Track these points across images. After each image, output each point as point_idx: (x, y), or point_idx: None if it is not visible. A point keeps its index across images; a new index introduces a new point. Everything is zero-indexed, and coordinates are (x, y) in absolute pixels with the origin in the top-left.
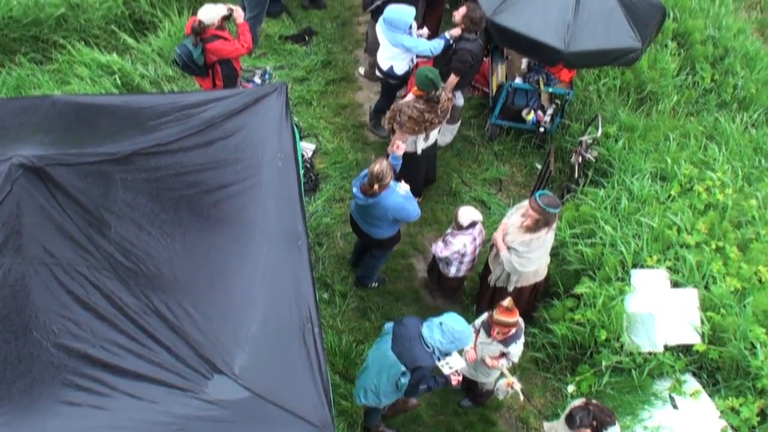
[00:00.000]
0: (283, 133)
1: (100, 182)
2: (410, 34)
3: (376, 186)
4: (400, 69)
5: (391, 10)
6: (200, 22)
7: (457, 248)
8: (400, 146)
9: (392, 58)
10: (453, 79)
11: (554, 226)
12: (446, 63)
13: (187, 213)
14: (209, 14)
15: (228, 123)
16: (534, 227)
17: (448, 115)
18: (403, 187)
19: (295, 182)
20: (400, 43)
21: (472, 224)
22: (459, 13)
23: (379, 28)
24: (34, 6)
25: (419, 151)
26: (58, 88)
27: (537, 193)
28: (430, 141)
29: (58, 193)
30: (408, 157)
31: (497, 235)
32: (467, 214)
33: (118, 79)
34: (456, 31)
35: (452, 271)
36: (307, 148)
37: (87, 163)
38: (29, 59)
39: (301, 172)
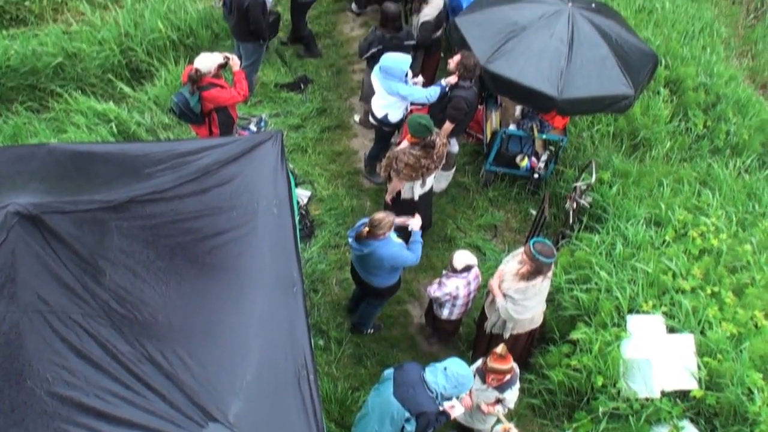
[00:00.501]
0: (278, 180)
1: (96, 229)
2: (406, 82)
3: (366, 230)
4: (394, 117)
5: (387, 58)
6: (197, 70)
7: (449, 290)
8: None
9: (387, 106)
10: (448, 126)
11: (550, 273)
12: (441, 110)
13: (182, 260)
14: (206, 63)
15: (224, 170)
16: (529, 275)
17: (444, 161)
18: (416, 223)
19: (291, 229)
20: (395, 92)
21: (467, 268)
22: (453, 61)
23: (375, 76)
24: (32, 55)
25: (416, 197)
26: (54, 136)
27: (532, 241)
28: (427, 187)
29: (54, 240)
30: (405, 203)
31: (493, 282)
32: (462, 257)
33: (114, 127)
34: (452, 79)
35: (444, 313)
36: (302, 194)
37: (83, 211)
38: (26, 108)
39: (297, 218)
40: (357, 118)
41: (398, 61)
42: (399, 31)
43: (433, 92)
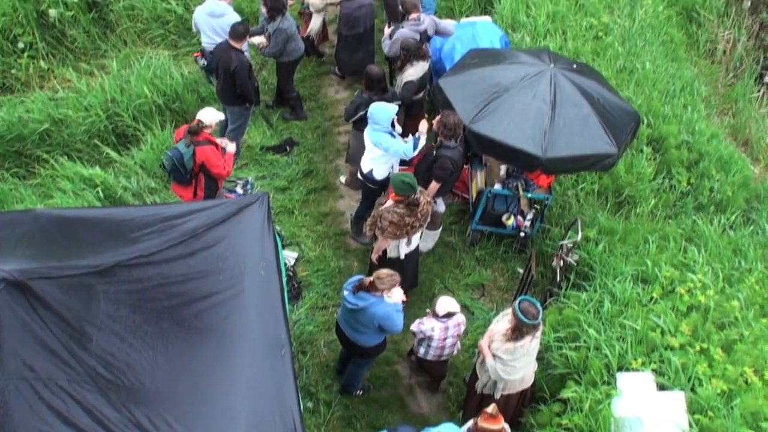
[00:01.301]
0: (265, 242)
1: (82, 295)
2: (392, 133)
3: (368, 281)
4: (379, 174)
5: (374, 106)
6: (200, 121)
7: (424, 329)
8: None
9: (374, 160)
10: (434, 185)
11: (539, 334)
12: (427, 170)
13: (169, 324)
14: (210, 116)
15: (210, 233)
16: (516, 335)
17: (429, 219)
18: (397, 295)
19: (278, 291)
20: (379, 142)
21: (448, 315)
22: (435, 121)
23: (367, 129)
24: (18, 122)
25: (402, 256)
26: (40, 202)
27: (519, 298)
28: (413, 245)
29: (40, 306)
30: (391, 262)
31: (483, 342)
32: (444, 304)
33: (100, 192)
34: (423, 127)
35: (420, 351)
36: (289, 256)
37: (69, 276)
38: (12, 174)
39: (284, 280)
40: (343, 179)
41: (384, 109)
42: (385, 93)
43: (409, 147)
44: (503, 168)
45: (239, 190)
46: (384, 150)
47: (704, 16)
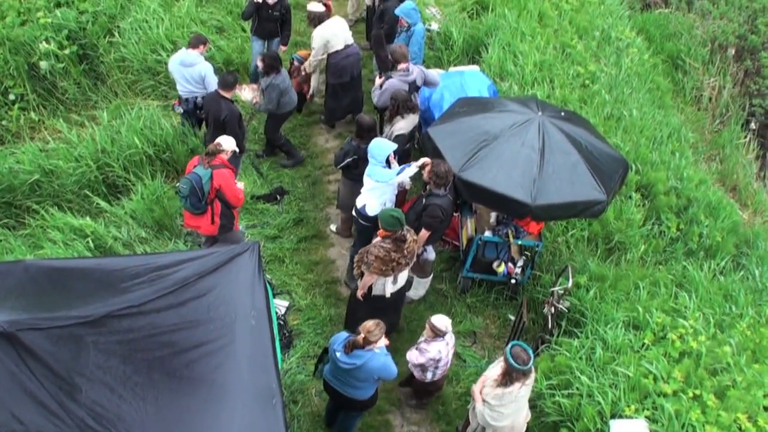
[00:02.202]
0: (256, 291)
1: (72, 346)
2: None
3: (361, 338)
4: (372, 209)
5: (373, 142)
6: (219, 144)
7: (432, 355)
8: None
9: (367, 192)
10: (424, 233)
11: (529, 381)
12: (417, 218)
13: (159, 374)
14: (229, 142)
15: (201, 282)
16: (506, 380)
17: (414, 258)
18: (382, 342)
19: (269, 340)
20: (369, 173)
21: (446, 330)
22: (426, 170)
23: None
24: (8, 173)
25: (388, 294)
26: (30, 252)
27: (511, 343)
28: (399, 284)
29: (29, 358)
30: (377, 300)
31: (476, 387)
32: (442, 320)
33: (91, 242)
34: (420, 161)
35: (428, 376)
36: (280, 305)
37: (59, 327)
38: (2, 225)
39: (276, 329)
40: (333, 227)
41: (381, 145)
42: None
43: (391, 174)
44: (493, 215)
45: None
46: (370, 177)
47: (689, 64)
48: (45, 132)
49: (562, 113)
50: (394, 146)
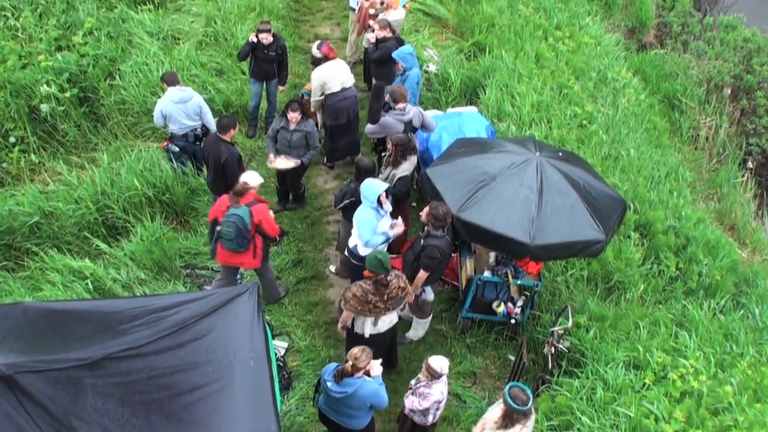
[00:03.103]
0: (255, 332)
1: (70, 388)
2: (378, 209)
3: (349, 365)
4: (362, 249)
5: (365, 183)
6: (245, 182)
7: (435, 398)
8: None
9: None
10: (422, 274)
11: (530, 423)
12: (415, 259)
13: (158, 417)
14: (255, 179)
15: (199, 324)
16: (507, 422)
17: (402, 305)
18: (377, 368)
19: (268, 382)
20: (358, 218)
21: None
22: (424, 212)
23: None
24: (8, 215)
25: (366, 334)
26: (29, 294)
27: (509, 384)
28: (380, 328)
29: (27, 401)
30: (356, 338)
31: (475, 430)
32: (440, 361)
33: (90, 283)
34: (399, 229)
35: (430, 419)
36: (279, 346)
37: (57, 369)
38: (1, 267)
39: (275, 371)
40: (333, 268)
41: (372, 186)
42: None
43: (372, 238)
44: (492, 255)
45: None
46: (355, 225)
47: (686, 104)
48: (45, 174)
49: (560, 153)
50: (385, 186)
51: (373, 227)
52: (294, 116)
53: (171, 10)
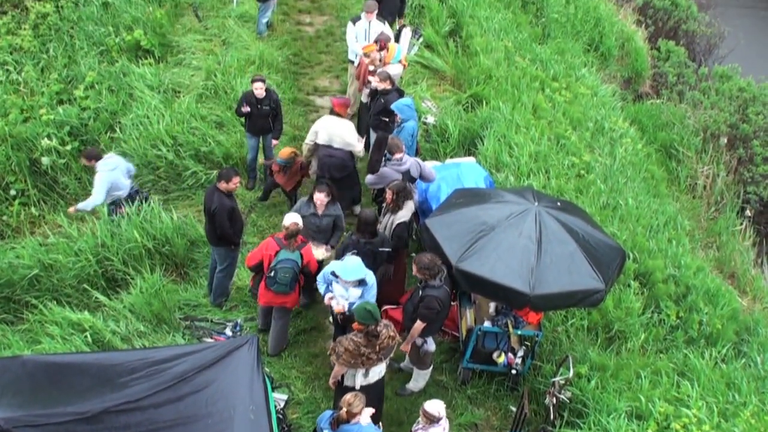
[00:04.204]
0: (254, 385)
1: None
2: (329, 285)
3: (344, 412)
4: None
5: (350, 260)
6: (296, 223)
7: None
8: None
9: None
10: (419, 325)
11: None
12: (414, 310)
13: None
14: (294, 218)
15: (199, 377)
16: None
17: (391, 354)
18: (365, 417)
19: None
20: (320, 282)
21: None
22: (414, 268)
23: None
24: (8, 268)
25: (357, 386)
26: (28, 347)
27: None
28: (371, 379)
29: None
30: (347, 390)
31: None
32: (436, 406)
33: (89, 336)
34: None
35: None
36: (279, 398)
37: (55, 424)
38: (0, 320)
39: (275, 423)
40: (332, 319)
41: (353, 269)
42: (374, 237)
43: (321, 286)
44: (492, 305)
45: (228, 332)
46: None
47: (683, 153)
48: (45, 226)
49: (558, 203)
50: (363, 275)
51: (325, 278)
52: (321, 199)
53: (172, 63)
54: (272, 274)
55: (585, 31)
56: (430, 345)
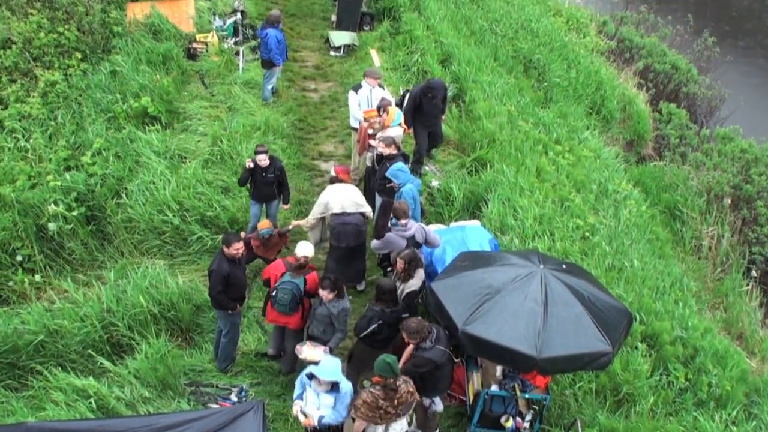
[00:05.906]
0: None
1: None
2: (304, 388)
3: None
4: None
5: (327, 361)
6: (305, 256)
7: None
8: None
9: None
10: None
11: None
12: (407, 371)
13: None
14: (311, 249)
15: None
16: None
17: (410, 410)
18: None
19: None
20: (300, 390)
21: None
22: (404, 336)
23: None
24: (13, 334)
25: None
26: (32, 414)
27: None
28: None
29: None
30: None
31: None
32: None
33: (93, 402)
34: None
35: None
36: None
37: None
38: (4, 386)
39: None
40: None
41: (330, 370)
42: (396, 305)
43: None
44: (499, 369)
45: (234, 397)
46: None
47: (687, 214)
48: (51, 292)
49: (564, 266)
50: (338, 377)
51: (302, 382)
52: (326, 295)
53: (178, 130)
54: (274, 293)
55: (587, 94)
56: (438, 406)
